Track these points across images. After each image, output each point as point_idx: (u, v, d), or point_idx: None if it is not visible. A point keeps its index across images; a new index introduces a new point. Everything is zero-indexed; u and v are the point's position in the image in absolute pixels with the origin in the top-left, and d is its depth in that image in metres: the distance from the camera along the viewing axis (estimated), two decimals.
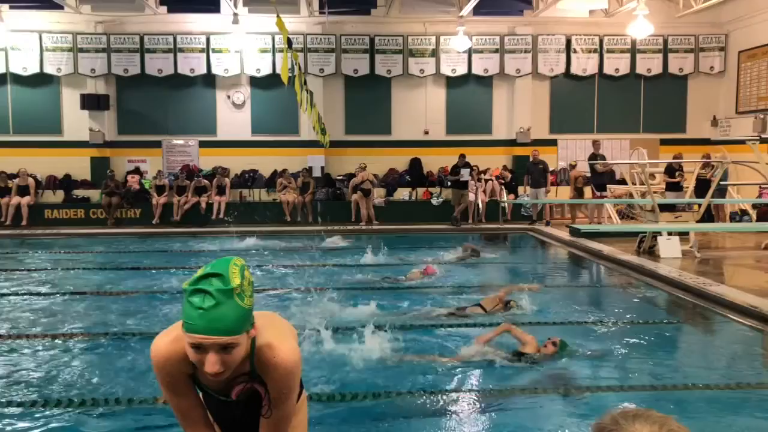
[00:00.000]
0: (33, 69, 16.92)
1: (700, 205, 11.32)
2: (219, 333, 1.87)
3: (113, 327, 6.83)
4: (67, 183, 17.07)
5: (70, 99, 17.18)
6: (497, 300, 7.21)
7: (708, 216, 12.54)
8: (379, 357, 5.58)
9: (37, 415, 4.49)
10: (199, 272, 1.91)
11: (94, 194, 16.63)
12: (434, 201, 16.64)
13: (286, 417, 2.17)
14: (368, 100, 17.73)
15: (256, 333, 2.05)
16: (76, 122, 17.10)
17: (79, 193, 16.82)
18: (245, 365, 2.07)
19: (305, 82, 10.09)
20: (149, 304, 7.88)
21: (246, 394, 2.12)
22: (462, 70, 17.63)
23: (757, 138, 12.03)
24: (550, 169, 16.13)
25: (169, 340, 2.07)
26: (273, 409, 2.11)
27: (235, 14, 15.91)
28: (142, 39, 17.09)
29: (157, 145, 17.62)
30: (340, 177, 17.41)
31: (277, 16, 7.03)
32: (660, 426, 1.22)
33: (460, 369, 5.41)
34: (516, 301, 7.31)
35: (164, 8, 16.87)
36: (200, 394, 2.24)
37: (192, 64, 17.19)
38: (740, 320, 6.89)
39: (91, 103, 16.81)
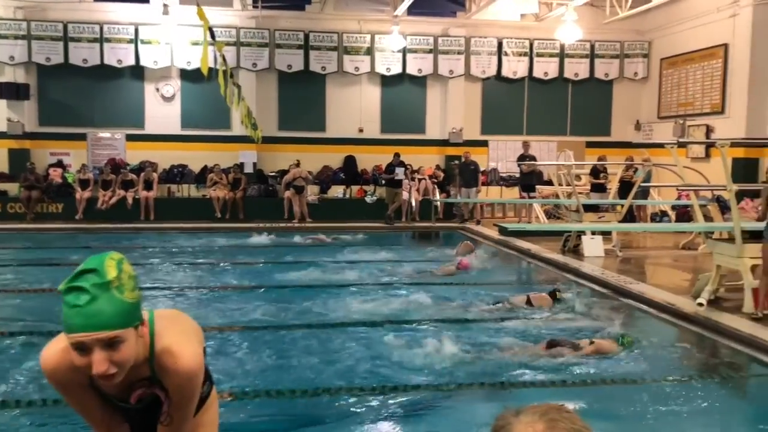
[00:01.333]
0: None
1: (622, 206, 11.72)
2: (98, 328, 1.78)
3: (27, 325, 6.54)
4: None
5: None
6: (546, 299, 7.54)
7: (630, 216, 12.99)
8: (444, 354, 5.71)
9: None
10: (75, 271, 1.82)
11: (12, 188, 15.85)
12: (368, 199, 16.65)
13: (185, 421, 2.11)
14: (302, 96, 17.56)
15: (156, 336, 1.97)
16: None
17: None
18: (145, 370, 1.99)
19: (232, 75, 9.90)
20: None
21: (146, 399, 2.05)
22: (396, 69, 17.70)
23: (675, 142, 12.52)
24: (481, 169, 16.42)
25: (59, 348, 1.95)
26: (173, 414, 2.05)
27: (165, 5, 15.49)
28: (65, 27, 16.42)
29: (82, 137, 16.96)
30: (273, 173, 17.19)
31: (198, 5, 6.89)
32: (540, 415, 1.24)
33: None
34: (561, 293, 7.78)
35: None
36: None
37: (119, 55, 16.63)
38: (658, 316, 7.18)
39: (10, 91, 16.05)
